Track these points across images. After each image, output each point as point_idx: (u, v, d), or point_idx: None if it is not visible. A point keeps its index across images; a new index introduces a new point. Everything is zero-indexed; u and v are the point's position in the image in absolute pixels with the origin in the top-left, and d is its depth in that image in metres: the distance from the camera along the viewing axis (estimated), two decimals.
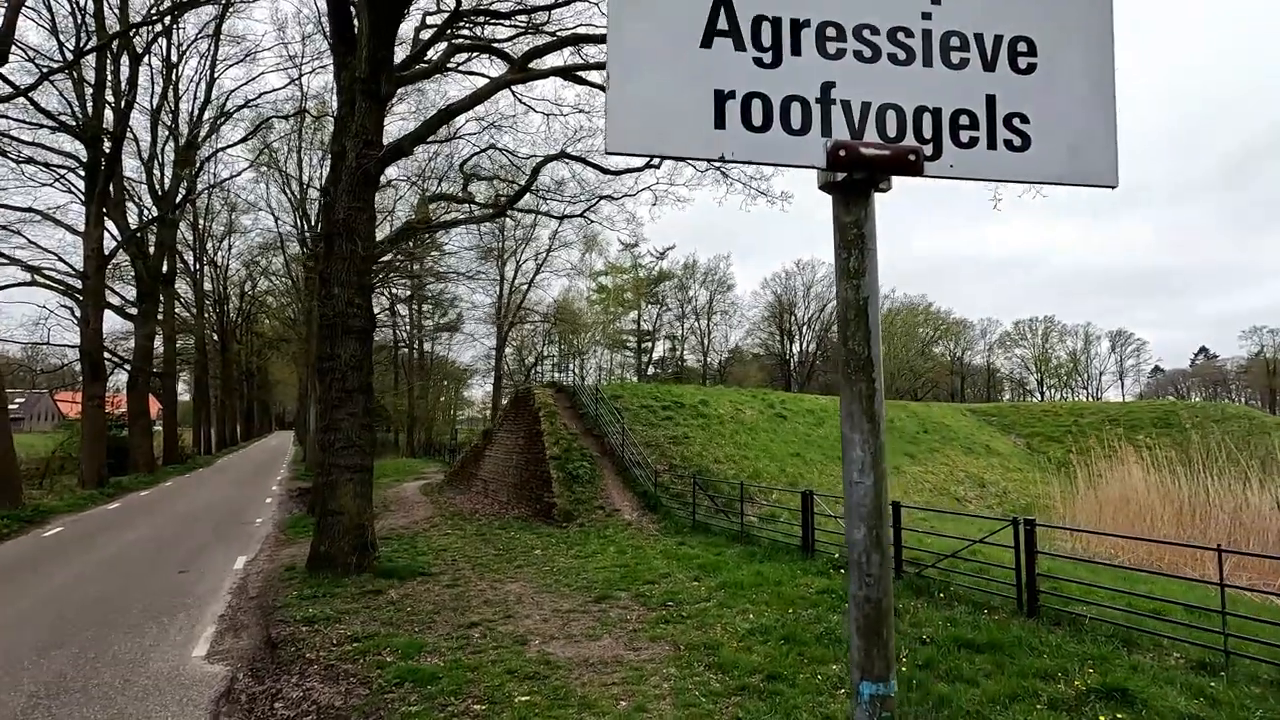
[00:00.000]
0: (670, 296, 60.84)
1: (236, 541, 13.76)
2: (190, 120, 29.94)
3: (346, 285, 11.09)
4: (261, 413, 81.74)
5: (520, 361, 51.83)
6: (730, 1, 1.28)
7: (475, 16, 16.73)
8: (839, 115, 1.28)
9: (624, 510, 15.17)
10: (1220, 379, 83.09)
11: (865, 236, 1.25)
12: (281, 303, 43.20)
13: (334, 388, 11.06)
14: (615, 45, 1.23)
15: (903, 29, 1.32)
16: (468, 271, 35.37)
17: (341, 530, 10.59)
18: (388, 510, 18.45)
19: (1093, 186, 1.34)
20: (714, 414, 20.93)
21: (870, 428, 1.22)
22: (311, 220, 27.15)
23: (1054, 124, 1.34)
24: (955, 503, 22.04)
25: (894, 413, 29.15)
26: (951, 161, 1.30)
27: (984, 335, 75.63)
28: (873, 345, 1.23)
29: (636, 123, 1.22)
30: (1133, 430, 28.74)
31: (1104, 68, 1.36)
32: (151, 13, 23.80)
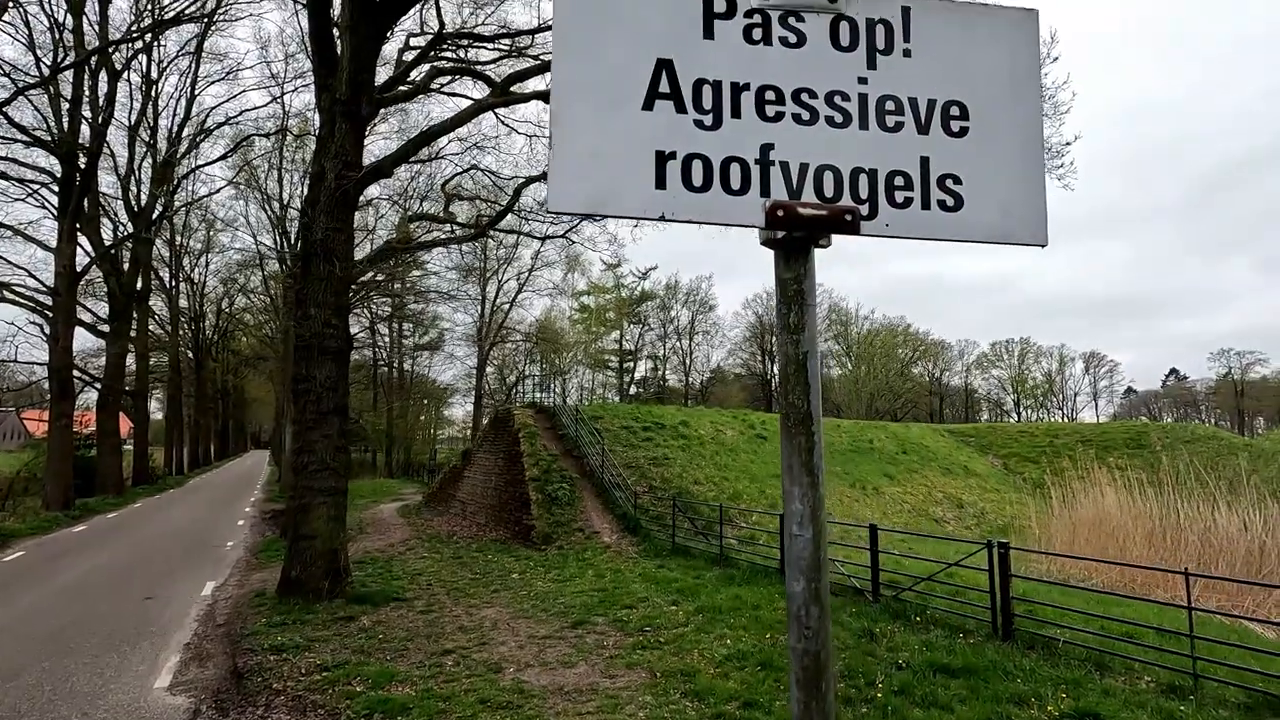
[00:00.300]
0: (652, 316, 61.01)
1: (205, 566, 13.44)
2: (169, 136, 29.71)
3: (323, 306, 11.01)
4: (237, 432, 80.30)
5: (501, 381, 51.56)
6: (672, 65, 1.32)
7: (459, 39, 16.87)
8: (778, 176, 1.32)
9: (603, 533, 15.07)
10: (1191, 400, 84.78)
11: (805, 293, 1.28)
12: (259, 320, 42.69)
13: (309, 409, 10.93)
14: (558, 106, 1.26)
15: (840, 93, 1.37)
16: (449, 291, 35.26)
17: (313, 555, 10.40)
18: (363, 533, 18.16)
19: (1023, 245, 1.39)
20: (694, 435, 20.93)
21: (809, 481, 1.24)
22: (291, 238, 26.94)
23: (985, 185, 1.38)
24: (934, 524, 22.17)
25: (873, 433, 29.35)
26: (887, 221, 1.34)
27: (962, 356, 76.66)
28: (812, 399, 1.26)
29: (578, 183, 1.24)
30: (1106, 451, 29.17)
31: (1032, 132, 1.42)
32: (132, 30, 23.71)
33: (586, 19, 1.31)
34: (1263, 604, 10.72)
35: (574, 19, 1.31)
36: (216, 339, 50.32)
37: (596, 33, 1.31)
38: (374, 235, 27.84)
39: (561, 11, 1.31)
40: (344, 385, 11.40)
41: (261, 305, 39.81)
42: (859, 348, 64.82)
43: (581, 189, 1.24)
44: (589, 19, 1.31)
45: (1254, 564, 11.94)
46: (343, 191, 11.09)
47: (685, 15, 1.34)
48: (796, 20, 1.37)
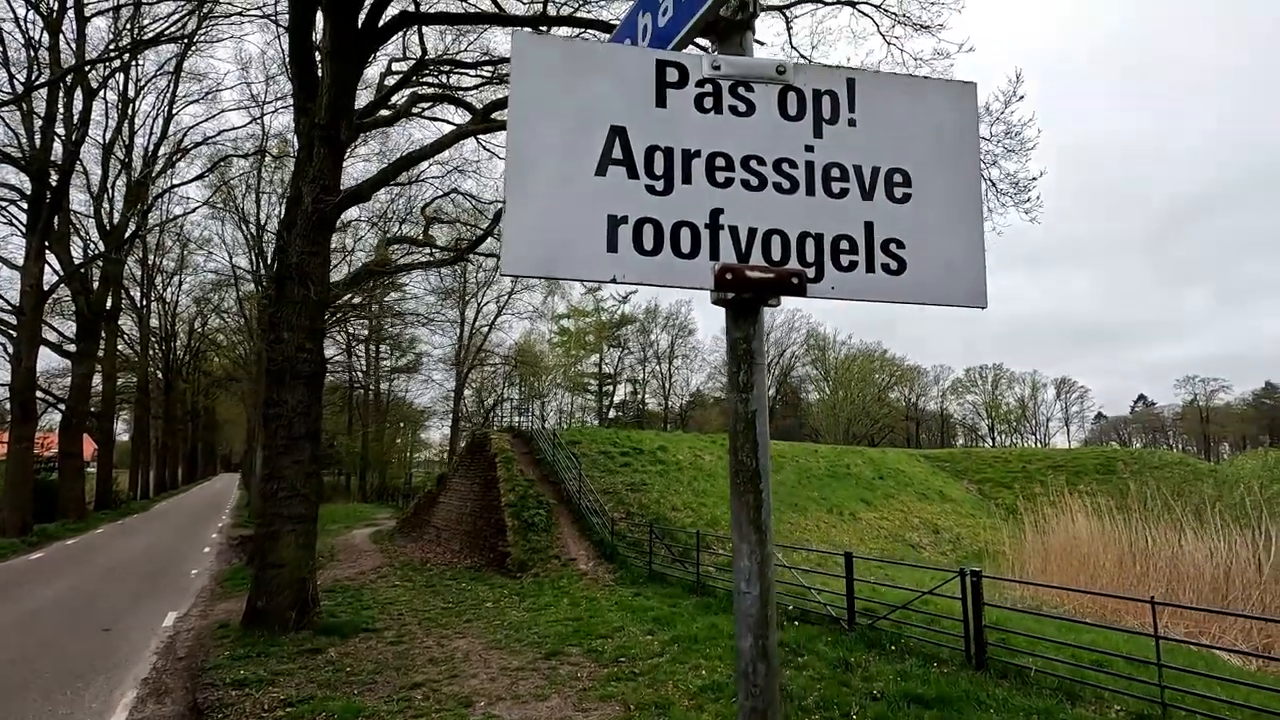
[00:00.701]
0: (632, 340, 61.16)
1: (168, 595, 13.05)
2: (145, 155, 29.41)
3: (297, 330, 10.89)
4: (206, 454, 78.52)
5: (479, 404, 51.16)
6: (625, 132, 1.36)
7: (441, 65, 17.02)
8: (727, 240, 1.36)
9: (580, 560, 14.91)
10: (1159, 425, 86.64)
11: (754, 352, 1.32)
12: (232, 341, 42.03)
13: (280, 435, 10.75)
14: (513, 171, 1.30)
15: (787, 160, 1.42)
16: (428, 313, 35.04)
17: (281, 584, 10.15)
18: (334, 560, 17.78)
19: (964, 307, 1.44)
20: (672, 460, 20.90)
21: (758, 538, 1.26)
22: (267, 259, 26.69)
23: (928, 250, 1.44)
24: (910, 549, 22.27)
25: (851, 459, 29.54)
26: (833, 284, 1.39)
27: (937, 382, 77.74)
28: (760, 457, 1.29)
29: (531, 246, 1.27)
30: (1077, 476, 29.63)
31: (972, 199, 1.48)
32: (110, 49, 23.56)
33: (543, 87, 1.35)
34: (1228, 630, 10.89)
35: (530, 87, 1.35)
36: (188, 359, 49.38)
37: (552, 100, 1.35)
38: (352, 257, 27.69)
39: (518, 79, 1.35)
40: (317, 410, 11.24)
41: (235, 326, 39.24)
42: (836, 373, 65.45)
43: (534, 252, 1.27)
44: (545, 87, 1.35)
45: (1220, 590, 12.15)
46: (319, 215, 11.05)
47: (639, 84, 1.39)
48: (746, 90, 1.42)
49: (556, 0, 13.93)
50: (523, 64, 1.35)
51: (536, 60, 1.36)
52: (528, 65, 1.35)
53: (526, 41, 1.38)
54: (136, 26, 23.88)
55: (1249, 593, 11.82)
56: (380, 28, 12.06)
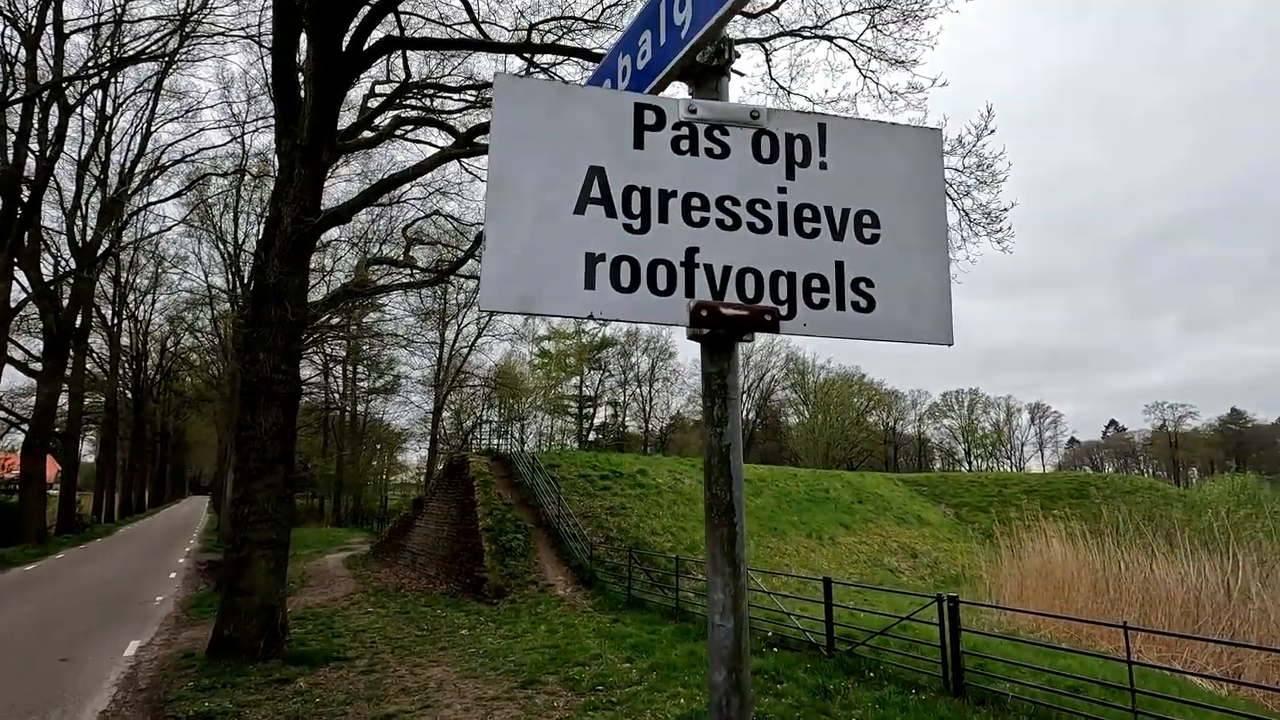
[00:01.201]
0: (613, 363, 61.18)
1: (130, 623, 12.63)
2: (121, 172, 29.06)
3: (273, 351, 10.75)
4: (175, 476, 76.61)
5: (458, 426, 50.64)
6: (604, 172, 1.40)
7: (424, 89, 17.13)
8: (702, 278, 1.39)
9: (558, 585, 14.73)
10: (1130, 450, 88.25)
11: (728, 387, 1.35)
12: (206, 361, 41.28)
13: (252, 457, 10.55)
14: (493, 208, 1.32)
15: (761, 201, 1.47)
16: (407, 335, 34.75)
17: (249, 611, 9.88)
18: (305, 586, 17.37)
19: (932, 344, 1.49)
20: (652, 484, 20.82)
21: (731, 571, 1.27)
22: (244, 278, 26.38)
23: (896, 289, 1.49)
24: (888, 574, 22.31)
25: (829, 482, 29.66)
26: (805, 321, 1.43)
27: (914, 406, 78.58)
28: (734, 490, 1.31)
29: (510, 283, 1.29)
30: (1051, 501, 30.00)
31: (938, 240, 1.53)
32: (89, 67, 23.38)
33: (524, 127, 1.38)
34: (1200, 655, 11.03)
35: (512, 126, 1.38)
36: (159, 379, 48.37)
37: (533, 140, 1.38)
38: (330, 277, 27.46)
39: (500, 119, 1.38)
40: (291, 432, 11.06)
41: (209, 345, 38.56)
42: (816, 397, 65.91)
43: (513, 288, 1.29)
44: (526, 127, 1.39)
45: (1191, 615, 12.32)
46: (299, 236, 10.98)
47: (617, 126, 1.43)
48: (721, 133, 1.47)
49: (541, 29, 14.14)
50: (505, 104, 1.39)
51: (518, 100, 1.39)
52: (510, 105, 1.39)
53: (509, 82, 1.41)
54: (117, 44, 23.76)
55: (1219, 617, 11.99)
56: (364, 51, 12.14)
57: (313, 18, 10.95)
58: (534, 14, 14.89)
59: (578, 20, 14.20)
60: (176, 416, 54.59)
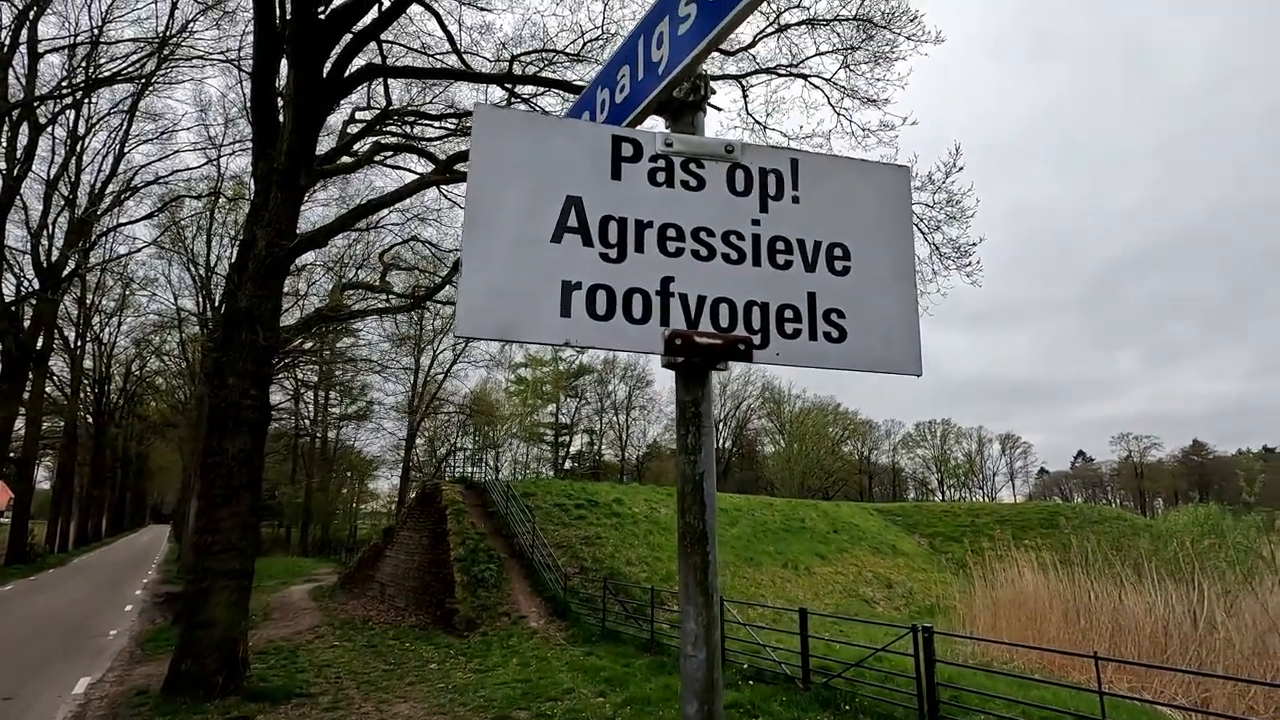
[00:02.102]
0: (589, 390, 60.99)
1: (81, 659, 12.09)
2: (91, 193, 28.57)
3: (243, 375, 10.55)
4: (135, 504, 74.13)
5: (432, 453, 49.88)
6: (581, 202, 1.42)
7: (405, 116, 17.21)
8: (677, 307, 1.41)
9: (530, 617, 14.45)
10: (1098, 481, 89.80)
11: (701, 415, 1.36)
12: (173, 385, 40.32)
13: (218, 484, 10.26)
14: (470, 235, 1.33)
15: (735, 232, 1.50)
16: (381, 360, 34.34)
17: (209, 645, 9.52)
18: (268, 619, 16.80)
19: (901, 374, 1.52)
20: (628, 513, 20.65)
21: (704, 600, 1.27)
22: (215, 301, 25.95)
23: (866, 320, 1.52)
24: (864, 604, 22.26)
25: (805, 512, 29.68)
26: (778, 350, 1.45)
27: (888, 436, 79.34)
28: (707, 519, 1.31)
29: (486, 309, 1.30)
30: (1023, 530, 30.31)
31: (905, 275, 1.58)
32: (62, 87, 23.13)
33: (503, 157, 1.40)
34: (1169, 685, 11.12)
35: (491, 156, 1.40)
36: (122, 403, 47.06)
37: (511, 170, 1.40)
38: (304, 301, 27.13)
39: (479, 148, 1.40)
40: (259, 459, 10.81)
41: (177, 369, 37.71)
42: (792, 426, 66.24)
43: (489, 315, 1.30)
44: (505, 157, 1.40)
45: (1159, 645, 12.44)
46: (273, 259, 10.87)
47: (595, 157, 1.46)
48: (697, 166, 1.51)
49: (523, 60, 14.35)
50: (484, 133, 1.41)
51: (498, 130, 1.41)
52: (489, 134, 1.40)
53: (489, 112, 1.44)
54: (93, 65, 23.56)
55: (1186, 646, 12.13)
56: (346, 78, 12.20)
57: (294, 45, 11.01)
58: (516, 46, 15.12)
59: (559, 53, 14.44)
60: (139, 442, 53.02)
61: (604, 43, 13.86)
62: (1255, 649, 11.38)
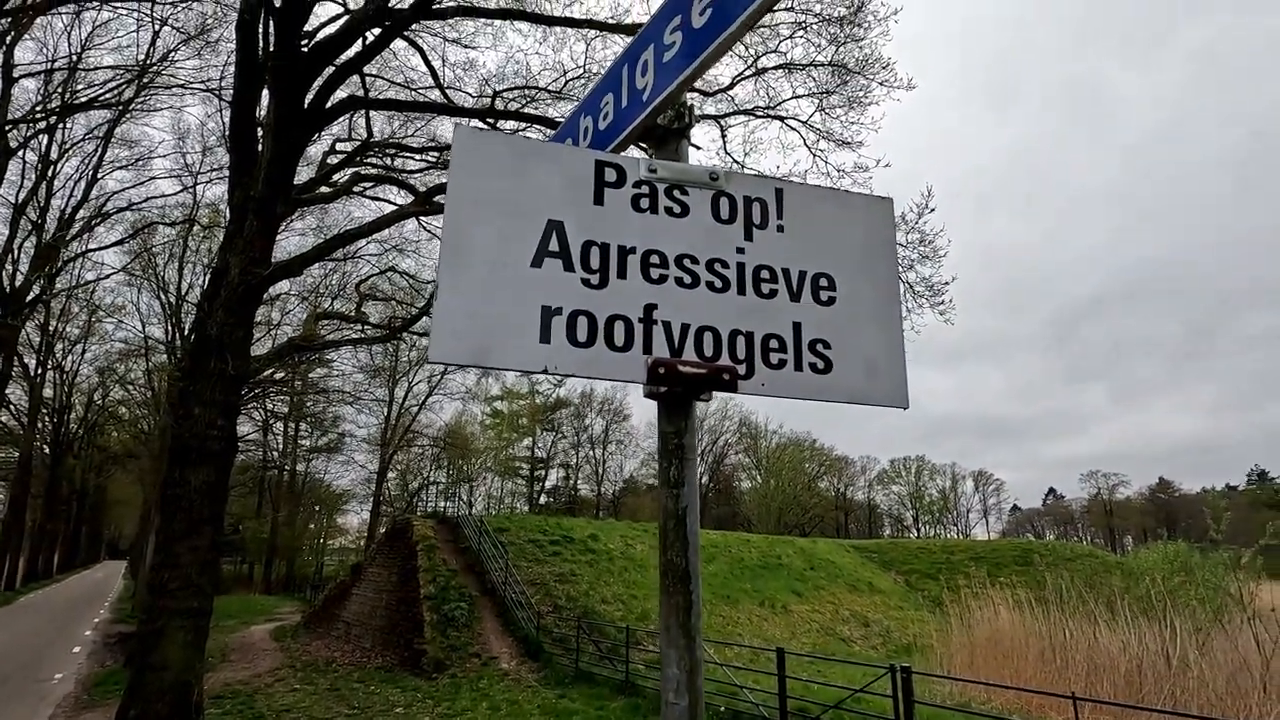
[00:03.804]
0: (566, 424, 60.50)
1: (21, 706, 11.42)
2: (61, 218, 28.02)
3: (210, 405, 10.26)
4: (91, 539, 71.23)
5: (404, 487, 48.85)
6: (562, 226, 1.39)
7: (386, 148, 17.25)
8: (660, 335, 1.38)
9: (502, 658, 14.02)
10: (1069, 518, 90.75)
11: (685, 447, 1.31)
12: (136, 415, 39.16)
13: (179, 518, 9.88)
14: (447, 257, 1.29)
15: (720, 260, 1.48)
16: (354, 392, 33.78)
17: (160, 689, 9.04)
18: (226, 661, 16.09)
19: (887, 406, 1.49)
20: (604, 549, 20.31)
21: (686, 644, 1.21)
22: (185, 330, 25.42)
23: (852, 351, 1.50)
24: (841, 644, 22.01)
25: (782, 549, 29.49)
26: (763, 380, 1.42)
27: (864, 472, 79.60)
28: (690, 556, 1.25)
29: (462, 333, 1.25)
30: (997, 568, 30.34)
31: (891, 305, 1.57)
32: (36, 111, 22.85)
33: (482, 178, 1.37)
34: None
35: (470, 177, 1.37)
36: (81, 434, 45.54)
37: (491, 192, 1.37)
38: (277, 331, 26.71)
39: (458, 169, 1.37)
40: (223, 492, 10.46)
41: (141, 399, 36.69)
42: (768, 462, 66.20)
43: (465, 340, 1.25)
44: (485, 179, 1.37)
45: (1134, 684, 12.41)
46: (246, 288, 10.69)
47: (578, 182, 1.43)
48: (681, 193, 1.49)
49: (505, 96, 14.53)
50: (464, 155, 1.37)
51: (478, 152, 1.38)
52: (469, 156, 1.37)
53: (469, 134, 1.41)
54: (70, 90, 23.33)
55: (1161, 685, 12.11)
56: (327, 109, 12.22)
57: (276, 76, 11.03)
58: (498, 82, 15.34)
59: (541, 90, 14.66)
60: (98, 474, 51.18)
61: (585, 81, 14.11)
62: (1228, 688, 11.40)
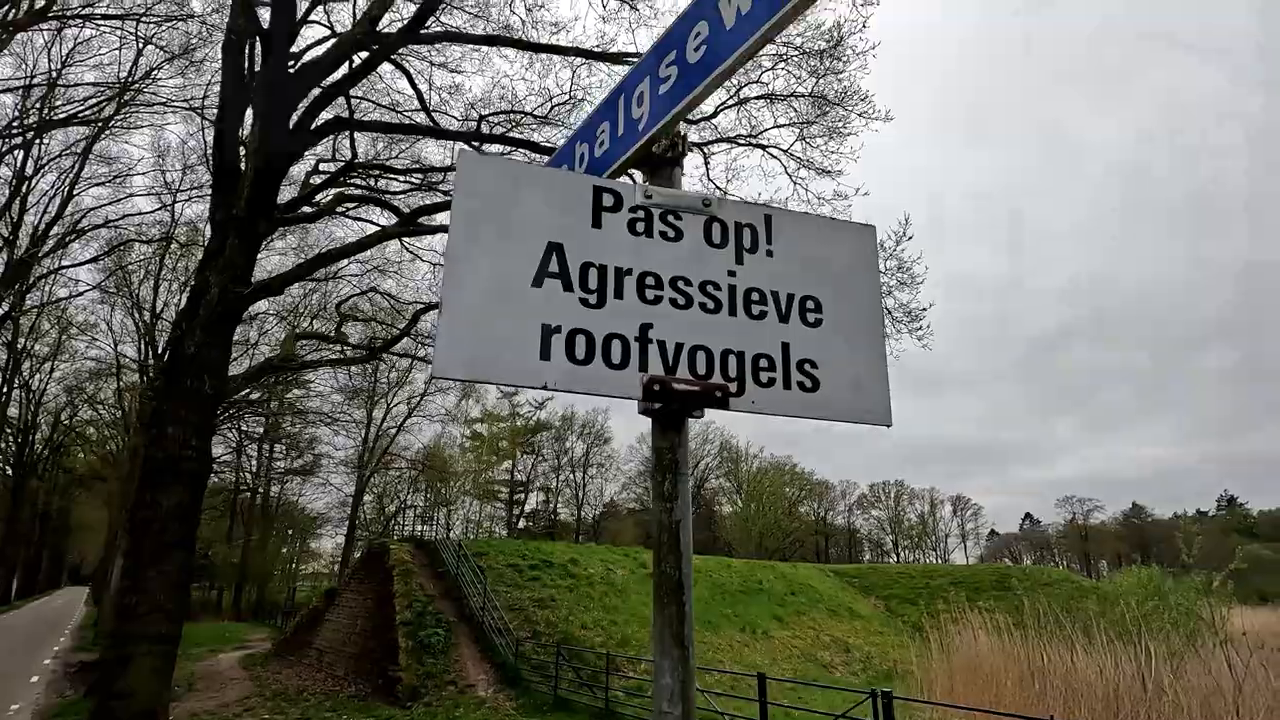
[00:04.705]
0: (546, 447, 60.07)
1: None
2: (34, 234, 27.55)
3: (184, 425, 10.08)
4: (53, 563, 68.92)
5: (380, 511, 48.03)
6: (562, 248, 1.44)
7: (371, 169, 17.28)
8: (655, 353, 1.43)
9: (479, 685, 13.76)
10: (1045, 543, 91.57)
11: (679, 462, 1.36)
12: (105, 435, 38.24)
13: (148, 541, 9.63)
14: (452, 276, 1.34)
15: (712, 283, 1.54)
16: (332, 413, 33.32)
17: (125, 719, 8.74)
18: (193, 690, 15.59)
19: (872, 424, 1.55)
20: (584, 574, 20.11)
21: (680, 654, 1.24)
22: (159, 349, 25.00)
23: (838, 371, 1.56)
24: (822, 669, 21.90)
25: (763, 574, 29.42)
26: (753, 398, 1.47)
27: (844, 496, 79.86)
28: (684, 567, 1.29)
29: (464, 350, 1.29)
30: (975, 592, 30.47)
31: (875, 328, 1.64)
32: (12, 126, 22.59)
33: (485, 202, 1.42)
34: None
35: (473, 200, 1.42)
36: (47, 454, 44.34)
37: (495, 213, 1.42)
38: (254, 350, 26.36)
39: (462, 192, 1.42)
40: (195, 515, 10.24)
41: (111, 419, 35.87)
42: (749, 486, 66.21)
43: (467, 356, 1.29)
44: (488, 202, 1.43)
45: (1111, 708, 12.47)
46: (225, 307, 10.59)
47: (577, 206, 1.49)
48: (675, 218, 1.55)
49: (491, 120, 14.68)
50: (467, 179, 1.43)
51: (480, 176, 1.44)
52: (472, 180, 1.43)
53: (472, 158, 1.46)
54: (48, 106, 23.11)
55: (1137, 710, 12.18)
56: (312, 130, 12.25)
57: (262, 96, 11.06)
58: (484, 106, 15.48)
59: (527, 115, 14.83)
60: (63, 496, 49.72)
61: (571, 107, 14.31)
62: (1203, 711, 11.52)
